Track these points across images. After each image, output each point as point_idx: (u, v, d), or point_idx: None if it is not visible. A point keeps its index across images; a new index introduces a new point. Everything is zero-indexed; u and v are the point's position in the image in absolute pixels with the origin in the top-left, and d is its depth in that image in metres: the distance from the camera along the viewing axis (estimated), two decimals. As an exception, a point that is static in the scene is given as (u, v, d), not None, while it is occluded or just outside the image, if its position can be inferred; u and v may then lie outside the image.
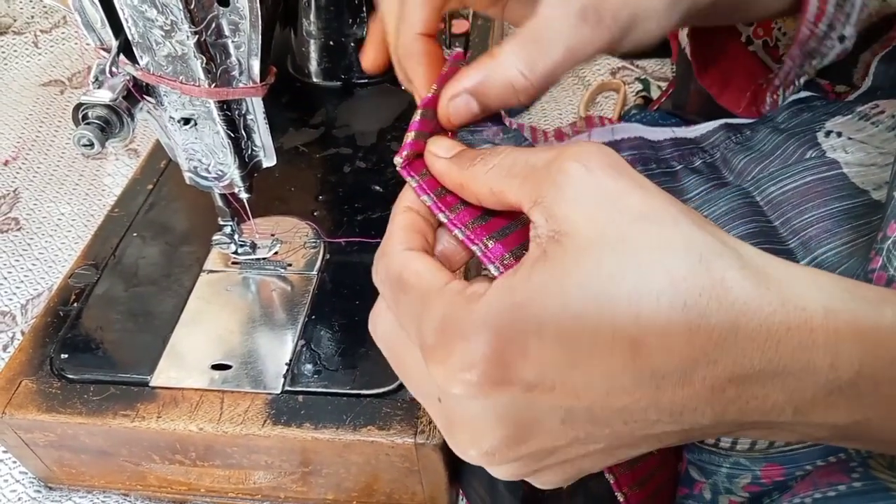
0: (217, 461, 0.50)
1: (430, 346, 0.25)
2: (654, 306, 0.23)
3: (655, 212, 0.24)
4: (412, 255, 0.28)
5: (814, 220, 0.39)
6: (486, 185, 0.27)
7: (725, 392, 0.23)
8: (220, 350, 0.51)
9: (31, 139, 0.88)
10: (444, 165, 0.29)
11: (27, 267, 0.73)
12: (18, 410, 0.48)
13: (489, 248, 0.28)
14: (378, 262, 0.29)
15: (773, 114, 0.47)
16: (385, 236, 0.29)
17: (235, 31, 0.39)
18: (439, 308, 0.25)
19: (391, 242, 0.29)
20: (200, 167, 0.46)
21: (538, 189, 0.25)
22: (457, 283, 0.26)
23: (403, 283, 0.27)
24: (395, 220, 0.29)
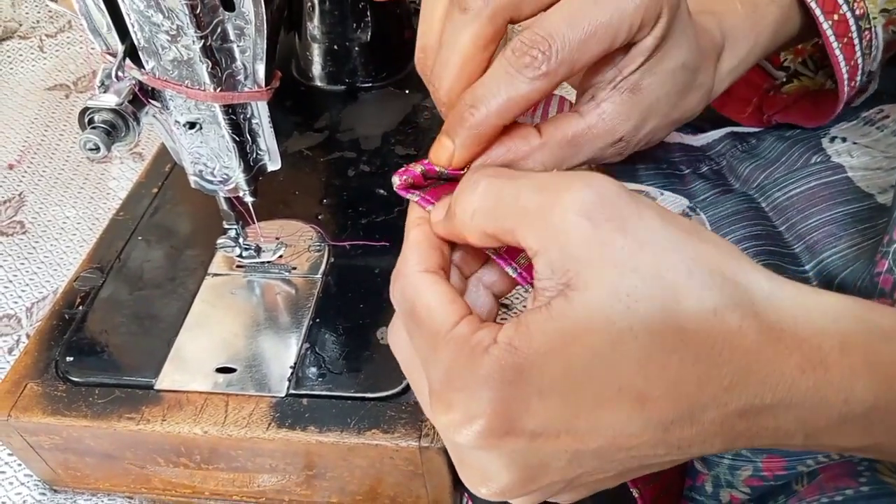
0: (221, 464, 0.50)
1: (435, 394, 0.25)
2: (664, 363, 0.22)
3: (668, 266, 0.23)
4: (426, 281, 0.27)
5: (819, 224, 0.39)
6: (478, 230, 0.26)
7: (735, 426, 0.23)
8: (225, 353, 0.51)
9: (36, 143, 0.88)
10: (441, 228, 0.28)
11: (32, 270, 0.73)
12: (24, 413, 0.48)
13: (504, 250, 0.27)
14: (394, 283, 0.28)
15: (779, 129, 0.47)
16: (401, 254, 0.29)
17: (241, 36, 0.39)
18: (444, 357, 0.25)
19: (406, 263, 0.28)
20: (205, 171, 0.46)
21: (538, 239, 0.24)
22: (465, 325, 0.25)
23: (415, 316, 0.27)
24: (409, 237, 0.29)
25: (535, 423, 0.23)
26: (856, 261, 0.36)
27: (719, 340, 0.23)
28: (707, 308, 0.23)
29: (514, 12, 0.28)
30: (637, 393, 0.23)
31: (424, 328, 0.26)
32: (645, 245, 0.23)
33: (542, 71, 0.27)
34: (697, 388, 0.23)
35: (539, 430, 0.24)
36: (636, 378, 0.23)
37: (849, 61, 0.40)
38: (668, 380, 0.23)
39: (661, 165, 0.48)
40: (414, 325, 0.27)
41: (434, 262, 0.28)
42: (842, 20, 0.39)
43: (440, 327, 0.26)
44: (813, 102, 0.47)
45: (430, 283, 0.27)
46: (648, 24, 0.29)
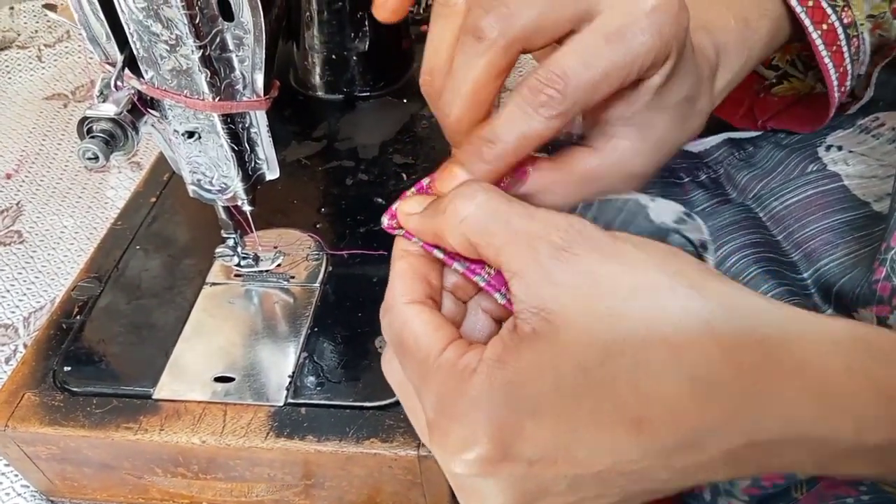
0: (219, 474, 0.50)
1: (429, 424, 0.25)
2: (656, 381, 0.22)
3: (648, 285, 0.23)
4: (412, 311, 0.27)
5: (815, 232, 0.40)
6: (462, 235, 0.26)
7: (741, 455, 0.22)
8: (223, 362, 0.51)
9: (34, 152, 0.88)
10: (416, 221, 0.28)
11: (30, 280, 0.73)
12: (21, 423, 0.48)
13: (492, 277, 0.27)
14: (383, 317, 0.29)
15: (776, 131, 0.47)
16: (388, 287, 0.29)
17: (239, 46, 0.39)
18: (434, 385, 0.25)
19: (392, 295, 0.28)
20: (204, 180, 0.46)
21: (519, 262, 0.24)
22: (451, 350, 0.25)
23: (404, 346, 0.27)
24: (394, 268, 0.29)
25: (531, 449, 0.23)
26: (853, 268, 0.36)
27: (715, 358, 0.22)
28: (696, 320, 0.22)
29: (528, 43, 0.28)
30: (632, 415, 0.22)
31: (413, 358, 0.27)
32: (624, 271, 0.24)
33: (557, 111, 0.27)
34: (698, 412, 0.22)
35: (536, 456, 0.23)
36: (630, 398, 0.22)
37: (838, 68, 0.41)
38: (663, 401, 0.22)
39: (662, 173, 0.48)
40: (403, 356, 0.27)
41: (420, 292, 0.28)
42: (830, 30, 0.40)
43: (427, 355, 0.26)
44: (805, 107, 0.47)
45: (416, 312, 0.27)
46: (658, 63, 0.29)
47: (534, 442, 0.23)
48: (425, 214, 0.28)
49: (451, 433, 0.24)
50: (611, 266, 0.24)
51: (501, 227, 0.25)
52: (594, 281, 0.23)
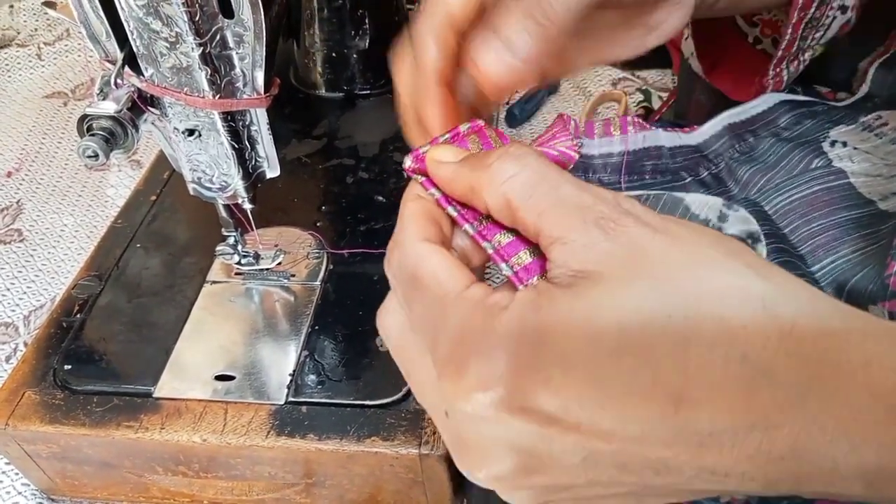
0: (220, 472, 0.50)
1: (444, 359, 0.23)
2: (705, 357, 0.20)
3: (701, 259, 0.22)
4: (428, 248, 0.25)
5: (821, 228, 0.39)
6: (503, 194, 0.24)
7: (784, 461, 0.20)
8: (224, 361, 0.51)
9: (34, 151, 0.88)
10: (451, 169, 0.26)
11: (30, 278, 0.73)
12: (21, 422, 0.48)
13: (501, 246, 0.26)
14: (391, 252, 0.27)
15: (775, 116, 0.47)
16: (397, 226, 0.27)
17: (240, 43, 0.39)
18: (456, 317, 0.23)
19: (405, 232, 0.26)
20: (204, 178, 0.46)
21: (562, 227, 0.23)
22: (477, 288, 0.24)
23: (418, 283, 0.25)
24: (406, 208, 0.27)
25: (553, 404, 0.21)
26: (861, 265, 0.36)
27: (772, 339, 0.20)
28: (754, 298, 0.20)
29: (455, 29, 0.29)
30: (672, 389, 0.20)
31: (430, 293, 0.24)
32: (676, 243, 0.22)
33: None
34: (745, 398, 0.19)
35: (556, 415, 0.21)
36: (671, 370, 0.20)
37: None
38: (709, 380, 0.20)
39: (664, 176, 0.48)
40: (416, 293, 0.25)
41: (434, 234, 0.26)
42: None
43: (449, 290, 0.24)
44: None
45: (433, 250, 0.25)
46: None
47: (558, 396, 0.21)
48: (464, 164, 0.26)
49: (470, 368, 0.22)
50: (661, 240, 0.22)
51: (548, 190, 0.24)
52: (643, 252, 0.22)
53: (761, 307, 0.20)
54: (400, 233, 0.26)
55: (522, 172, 0.24)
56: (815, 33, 0.43)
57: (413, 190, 0.28)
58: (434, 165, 0.27)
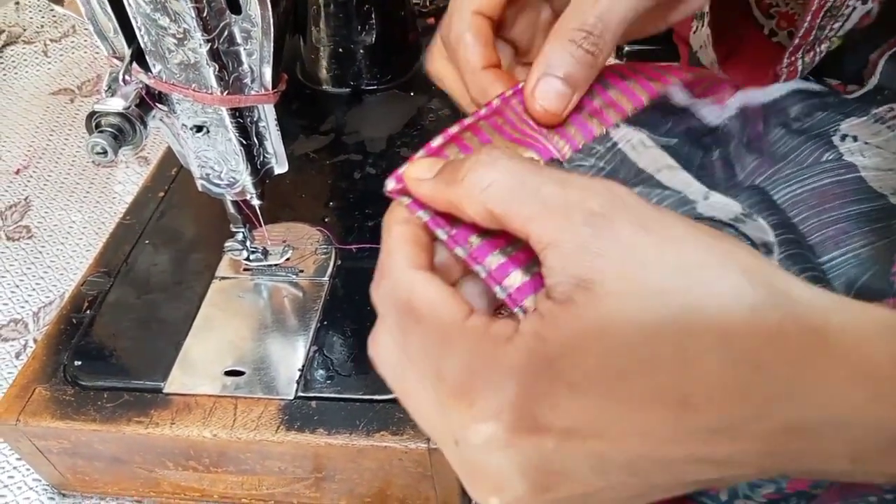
0: (230, 467, 0.50)
1: (451, 391, 0.23)
2: (702, 363, 0.21)
3: (696, 263, 0.22)
4: (420, 277, 0.25)
5: (831, 221, 0.39)
6: (483, 205, 0.24)
7: (778, 444, 0.22)
8: (233, 356, 0.51)
9: (41, 148, 0.88)
10: (428, 187, 0.26)
11: (39, 275, 0.73)
12: (32, 418, 0.48)
13: (493, 269, 0.26)
14: (379, 282, 0.26)
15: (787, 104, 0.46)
16: (382, 253, 0.26)
17: (247, 39, 0.39)
18: (460, 350, 0.23)
19: (393, 260, 0.26)
20: (213, 174, 0.46)
21: (553, 232, 0.23)
22: (477, 318, 0.24)
23: (414, 313, 0.25)
24: (392, 234, 0.26)
25: (563, 422, 0.22)
26: (871, 261, 0.36)
27: (761, 341, 0.21)
28: (744, 305, 0.21)
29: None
30: (675, 396, 0.21)
31: (429, 324, 0.24)
32: (670, 244, 0.22)
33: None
34: (741, 395, 0.21)
35: (566, 430, 0.22)
36: (673, 379, 0.21)
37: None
38: (707, 383, 0.21)
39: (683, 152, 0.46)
40: (412, 323, 0.25)
41: (423, 260, 0.26)
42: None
43: (451, 320, 0.24)
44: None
45: (426, 279, 0.25)
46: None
47: (568, 415, 0.22)
48: (439, 180, 0.26)
49: (479, 398, 0.22)
50: (655, 239, 0.22)
51: (530, 195, 0.23)
52: (638, 253, 0.22)
53: (751, 313, 0.21)
54: (387, 260, 0.26)
55: (498, 180, 0.24)
56: (834, 24, 0.43)
57: (397, 213, 0.27)
58: (413, 184, 0.27)
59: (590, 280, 0.22)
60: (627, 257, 0.22)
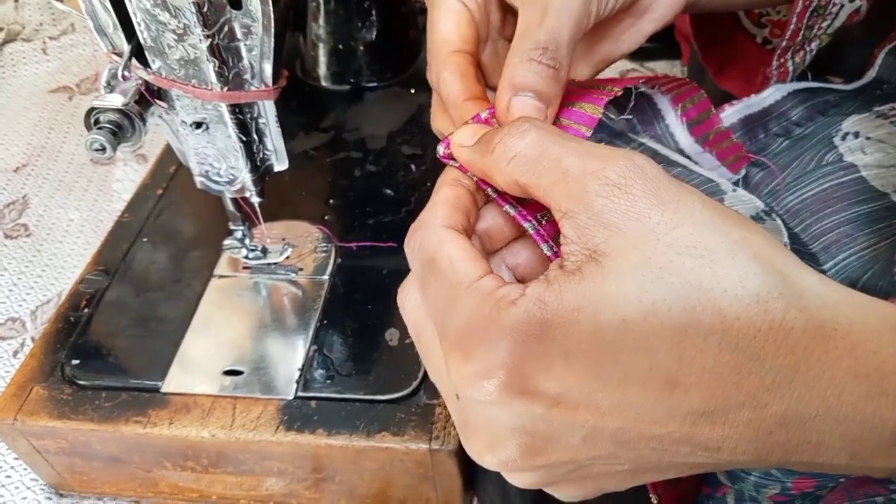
0: (229, 467, 0.50)
1: (451, 345, 0.24)
2: (700, 345, 0.21)
3: (707, 245, 0.22)
4: (449, 234, 0.26)
5: (833, 225, 0.39)
6: (510, 176, 0.25)
7: (773, 435, 0.21)
8: (232, 355, 0.50)
9: (39, 146, 0.88)
10: (466, 154, 0.27)
11: (37, 273, 0.73)
12: (30, 417, 0.48)
13: (542, 226, 0.26)
14: (413, 232, 0.27)
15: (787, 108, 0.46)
16: (427, 207, 0.27)
17: (248, 35, 0.39)
18: (466, 307, 0.24)
19: (431, 215, 0.27)
20: (212, 171, 0.46)
21: (570, 201, 0.23)
22: (490, 280, 0.24)
23: (434, 266, 0.25)
24: (440, 192, 0.28)
25: (554, 387, 0.22)
26: (874, 262, 0.36)
27: (763, 330, 0.21)
28: (749, 293, 0.21)
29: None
30: (667, 375, 0.21)
31: (444, 279, 0.25)
32: (683, 222, 0.22)
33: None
34: (735, 381, 0.21)
35: (557, 396, 0.22)
36: (667, 358, 0.21)
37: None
38: (702, 366, 0.21)
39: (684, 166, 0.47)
40: (432, 276, 0.26)
41: (459, 221, 0.27)
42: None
43: (462, 279, 0.24)
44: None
45: (453, 236, 0.26)
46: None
47: (559, 381, 0.22)
48: (475, 150, 0.27)
49: (476, 355, 0.23)
50: (670, 215, 0.22)
51: (552, 166, 0.24)
52: (650, 229, 0.22)
53: (755, 301, 0.21)
54: (427, 214, 0.27)
55: (522, 151, 0.25)
56: (822, 22, 0.43)
57: (450, 173, 0.29)
58: (457, 150, 0.28)
59: (600, 252, 0.22)
60: (639, 232, 0.22)
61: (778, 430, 0.21)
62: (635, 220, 0.22)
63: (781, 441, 0.22)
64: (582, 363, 0.22)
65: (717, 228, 0.22)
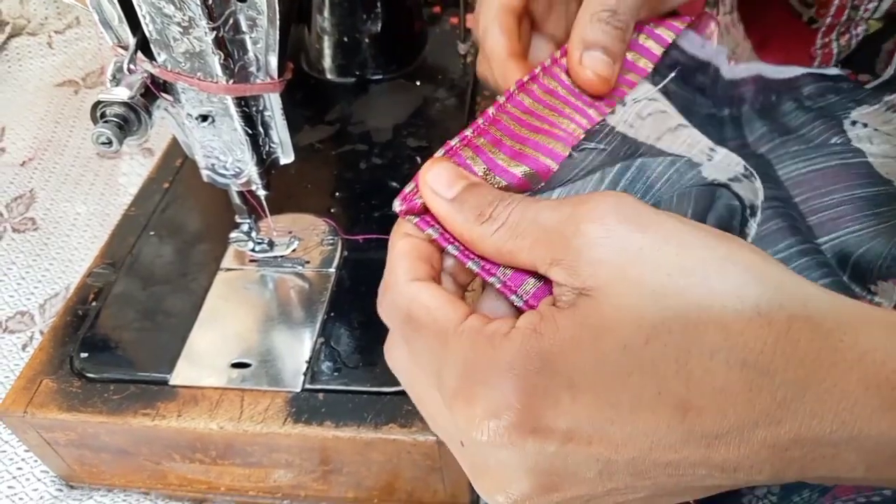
0: (237, 459, 0.50)
1: (453, 391, 0.24)
2: (707, 365, 0.21)
3: (696, 264, 0.22)
4: (419, 286, 0.26)
5: (834, 203, 0.39)
6: (493, 246, 0.25)
7: (788, 452, 0.21)
8: (239, 348, 0.50)
9: (46, 139, 0.88)
10: (446, 211, 0.27)
11: (44, 267, 0.73)
12: (39, 409, 0.48)
13: (508, 277, 0.26)
14: (382, 296, 0.27)
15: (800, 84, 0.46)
16: (386, 268, 0.28)
17: (253, 27, 0.39)
18: (458, 350, 0.24)
19: (394, 274, 0.27)
20: (218, 164, 0.46)
21: (553, 252, 0.23)
22: (474, 319, 0.24)
23: (414, 321, 0.25)
24: (396, 248, 0.28)
25: (565, 423, 0.22)
26: (870, 241, 0.35)
27: (769, 343, 0.21)
28: (749, 306, 0.21)
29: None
30: (678, 399, 0.21)
31: (427, 331, 0.25)
32: (667, 245, 0.22)
33: None
34: (747, 399, 0.20)
35: (569, 432, 0.22)
36: (676, 381, 0.21)
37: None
38: (712, 386, 0.21)
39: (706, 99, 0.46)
40: (414, 332, 0.25)
41: (425, 271, 0.27)
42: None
43: (446, 325, 0.24)
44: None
45: (424, 287, 0.26)
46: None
47: (570, 416, 0.22)
48: (456, 213, 0.26)
49: (479, 398, 0.22)
50: (653, 239, 0.22)
51: (530, 224, 0.24)
52: (635, 254, 0.22)
53: (756, 313, 0.21)
54: (390, 275, 0.27)
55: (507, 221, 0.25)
56: (869, 3, 0.42)
57: (402, 227, 0.28)
58: (429, 195, 0.27)
59: (589, 287, 0.22)
60: (625, 259, 0.22)
61: (793, 447, 0.21)
62: (618, 249, 0.22)
63: (797, 457, 0.21)
64: (589, 395, 0.22)
65: (702, 246, 0.22)
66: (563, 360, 0.22)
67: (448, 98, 0.69)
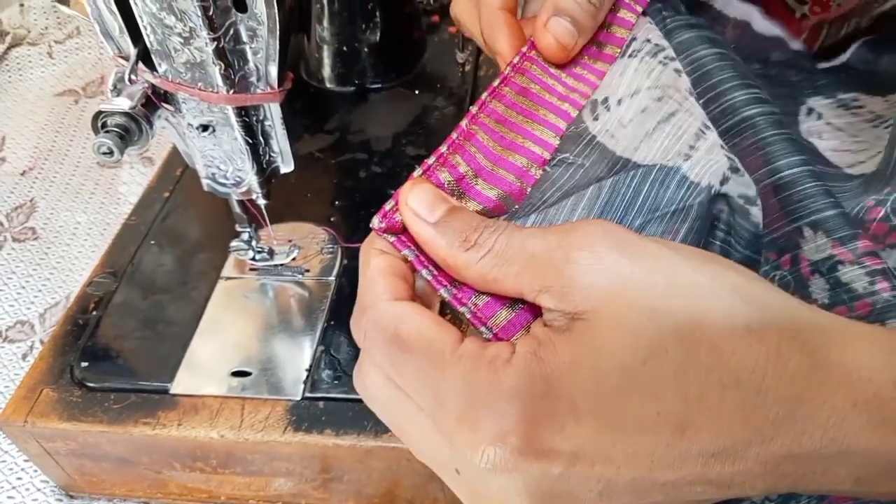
0: (238, 468, 0.50)
1: (455, 417, 0.23)
2: (703, 384, 0.21)
3: (686, 285, 0.22)
4: (405, 307, 0.25)
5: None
6: (478, 273, 0.25)
7: (780, 467, 0.22)
8: (240, 357, 0.51)
9: (46, 149, 0.88)
10: (429, 235, 0.26)
11: (45, 276, 0.73)
12: (40, 419, 0.48)
13: (478, 308, 0.26)
14: (360, 315, 0.26)
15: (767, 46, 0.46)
16: (362, 286, 0.27)
17: (253, 37, 0.39)
18: (458, 375, 0.23)
19: (373, 292, 0.26)
20: (219, 174, 0.46)
21: (543, 279, 0.23)
22: (470, 343, 0.24)
23: (403, 343, 0.25)
24: (371, 265, 0.27)
25: (570, 446, 0.22)
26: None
27: (760, 363, 0.21)
28: (740, 325, 0.21)
29: None
30: (677, 418, 0.21)
31: (421, 354, 0.24)
32: (657, 268, 0.23)
33: None
34: (741, 417, 0.21)
35: (574, 454, 0.22)
36: (674, 401, 0.21)
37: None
38: (709, 406, 0.21)
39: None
40: (404, 354, 0.24)
41: (405, 292, 0.26)
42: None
43: (442, 349, 0.24)
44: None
45: (412, 309, 0.25)
46: None
47: (574, 439, 0.22)
48: (439, 238, 0.26)
49: (484, 423, 0.22)
50: (642, 263, 0.23)
51: (517, 251, 0.24)
52: (626, 278, 0.22)
53: (747, 332, 0.21)
54: (368, 294, 0.26)
55: (493, 248, 0.25)
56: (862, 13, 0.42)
57: (374, 244, 0.28)
58: (410, 217, 0.27)
59: (583, 312, 0.22)
60: (616, 282, 0.22)
61: (785, 463, 0.21)
62: (609, 274, 0.23)
63: (789, 472, 0.22)
64: (592, 417, 0.22)
65: (690, 269, 0.23)
66: (565, 383, 0.22)
67: (447, 106, 0.70)
